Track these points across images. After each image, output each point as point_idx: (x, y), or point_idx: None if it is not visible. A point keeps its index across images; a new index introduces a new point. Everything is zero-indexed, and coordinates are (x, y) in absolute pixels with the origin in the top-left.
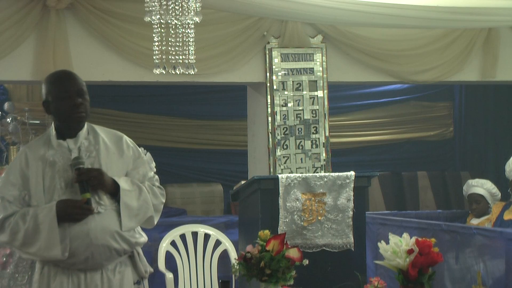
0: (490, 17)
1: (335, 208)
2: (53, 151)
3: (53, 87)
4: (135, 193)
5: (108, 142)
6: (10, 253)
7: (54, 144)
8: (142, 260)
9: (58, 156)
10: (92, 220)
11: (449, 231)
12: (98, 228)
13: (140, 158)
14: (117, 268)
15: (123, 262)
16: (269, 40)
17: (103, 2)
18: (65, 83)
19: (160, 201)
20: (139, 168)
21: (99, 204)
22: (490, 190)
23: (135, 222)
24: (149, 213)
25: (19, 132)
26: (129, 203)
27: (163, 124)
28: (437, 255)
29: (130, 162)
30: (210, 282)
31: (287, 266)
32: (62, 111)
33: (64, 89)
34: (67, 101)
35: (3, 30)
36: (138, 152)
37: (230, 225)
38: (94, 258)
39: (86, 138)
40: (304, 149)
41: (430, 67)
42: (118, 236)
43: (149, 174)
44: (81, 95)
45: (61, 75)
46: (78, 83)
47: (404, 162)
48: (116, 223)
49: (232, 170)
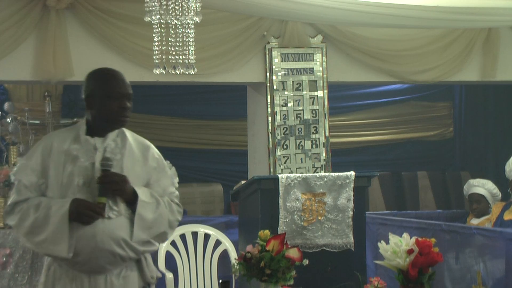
0: (490, 17)
1: (335, 208)
2: (79, 146)
3: (104, 85)
4: (152, 206)
5: (135, 149)
6: (10, 253)
7: (82, 139)
8: (150, 266)
9: (82, 152)
10: (101, 224)
11: (449, 231)
12: (106, 232)
13: (164, 171)
14: (122, 273)
15: (129, 266)
16: (269, 40)
17: (103, 2)
18: (119, 83)
19: (175, 218)
20: (161, 181)
21: (111, 209)
22: (491, 190)
23: (147, 235)
24: (163, 228)
25: (19, 132)
26: (144, 215)
27: (163, 124)
28: (437, 255)
29: (152, 173)
30: (210, 282)
31: (287, 266)
32: (109, 111)
33: (116, 89)
34: (116, 102)
35: (3, 30)
36: (163, 164)
37: (230, 225)
38: (97, 261)
39: (114, 140)
40: (304, 149)
41: (430, 67)
42: (124, 244)
43: (170, 189)
44: (130, 99)
45: (115, 75)
46: (129, 86)
47: (404, 162)
48: (125, 231)
49: (232, 170)
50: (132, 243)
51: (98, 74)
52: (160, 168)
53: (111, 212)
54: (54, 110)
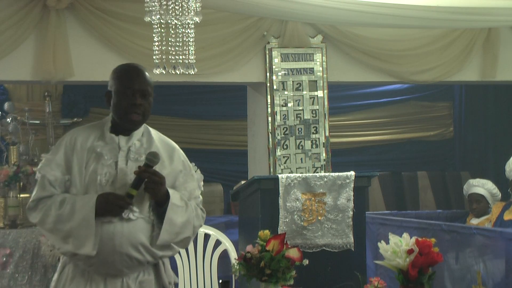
0: (490, 17)
1: (335, 208)
2: (103, 143)
3: (118, 80)
4: (182, 210)
5: (161, 149)
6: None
7: (107, 136)
8: (168, 271)
9: (106, 150)
10: (120, 226)
11: (449, 231)
12: (124, 235)
13: (190, 174)
14: (139, 277)
15: (146, 270)
16: (269, 40)
17: (103, 2)
18: (130, 79)
19: (199, 224)
20: (188, 184)
21: (132, 211)
22: (491, 190)
23: (172, 240)
24: (188, 233)
25: (19, 132)
26: (174, 219)
27: (163, 124)
28: (437, 255)
29: (178, 175)
30: (210, 282)
31: (287, 266)
32: (119, 107)
33: (127, 85)
34: (126, 99)
35: (3, 30)
36: (189, 167)
37: (230, 225)
38: (114, 264)
39: (139, 140)
40: (304, 149)
41: (430, 67)
42: (142, 248)
43: (196, 193)
44: (144, 95)
45: (129, 70)
46: (144, 81)
47: (404, 162)
48: (144, 235)
49: (232, 170)
50: (151, 247)
51: (116, 70)
52: (186, 170)
53: (131, 214)
54: (54, 110)
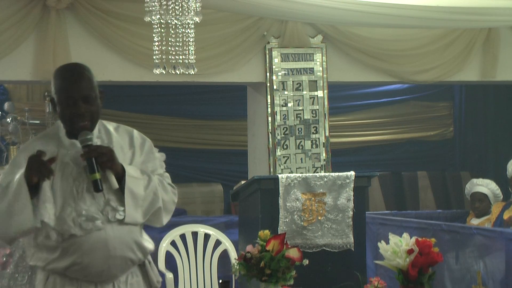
0: (490, 17)
1: (335, 208)
2: (65, 150)
3: (57, 88)
4: (143, 182)
5: (121, 141)
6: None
7: (66, 143)
8: (154, 270)
9: (71, 157)
10: (110, 230)
11: (449, 231)
12: (117, 237)
13: (151, 153)
14: (129, 280)
15: (134, 272)
16: (269, 40)
17: (103, 2)
18: (69, 86)
19: (171, 198)
20: (149, 163)
21: (117, 210)
22: (494, 190)
23: (141, 214)
24: (158, 204)
25: (19, 132)
26: (135, 190)
27: (163, 124)
28: (437, 255)
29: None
30: (210, 282)
31: (287, 266)
32: (64, 117)
33: (67, 94)
34: (69, 108)
35: (3, 30)
36: (149, 147)
37: (230, 225)
38: (110, 270)
39: (98, 137)
40: (304, 149)
41: (430, 67)
42: (135, 245)
43: (159, 171)
44: (87, 100)
45: (67, 74)
46: (85, 86)
47: (404, 162)
48: (134, 230)
49: (232, 170)
50: (141, 241)
51: (55, 74)
52: (147, 150)
53: (117, 213)
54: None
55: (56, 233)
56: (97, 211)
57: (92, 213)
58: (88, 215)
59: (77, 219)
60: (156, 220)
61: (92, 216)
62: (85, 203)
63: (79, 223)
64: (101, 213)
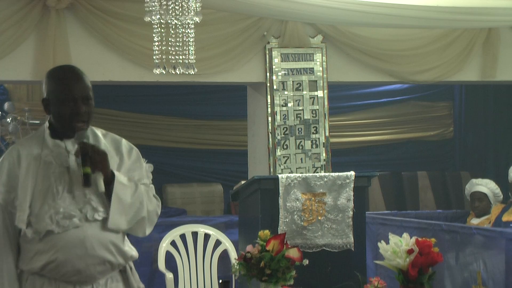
0: (490, 17)
1: (335, 208)
2: (48, 151)
3: (56, 87)
4: (130, 189)
5: (109, 147)
6: None
7: (50, 143)
8: (135, 276)
9: (54, 157)
10: (89, 228)
11: (449, 231)
12: (95, 237)
13: (138, 162)
14: (108, 284)
15: (114, 277)
16: (269, 40)
17: (103, 2)
18: (70, 85)
19: (154, 209)
20: (135, 172)
21: (96, 211)
22: (494, 190)
23: (125, 221)
24: (142, 214)
25: (19, 132)
26: (122, 197)
27: (163, 124)
28: (437, 255)
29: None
30: (210, 282)
31: (287, 266)
32: (62, 116)
33: (67, 92)
34: (69, 107)
35: (3, 30)
36: (137, 156)
37: (230, 225)
38: (87, 270)
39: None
40: (304, 149)
41: (430, 67)
42: (114, 248)
43: (145, 181)
44: (86, 101)
45: (66, 75)
46: (84, 86)
47: (404, 162)
48: (113, 233)
49: (232, 170)
50: (121, 245)
51: (50, 74)
52: (134, 159)
53: (96, 214)
54: None
55: (32, 231)
56: (75, 209)
57: (69, 211)
58: (65, 212)
59: (55, 216)
60: (139, 229)
61: (69, 213)
62: (64, 202)
63: (56, 220)
64: (79, 211)
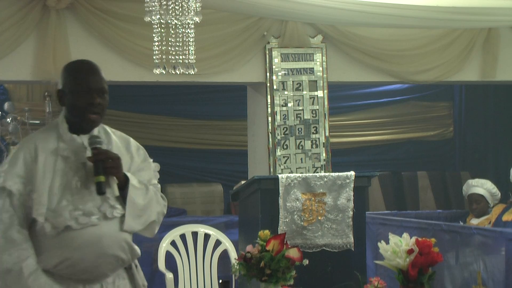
0: (490, 17)
1: (335, 208)
2: (65, 145)
3: (72, 78)
4: (142, 192)
5: (118, 143)
6: None
7: (67, 138)
8: (140, 273)
9: (71, 151)
10: (106, 227)
11: (449, 231)
12: (112, 235)
13: (146, 161)
14: (116, 282)
15: (120, 275)
16: (269, 40)
17: (103, 2)
18: (87, 77)
19: (162, 210)
20: (144, 172)
21: (114, 208)
22: (490, 190)
23: (138, 224)
24: (152, 217)
25: (19, 132)
26: (136, 200)
27: (163, 124)
28: (437, 255)
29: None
30: (210, 282)
31: (287, 266)
32: (77, 107)
33: (84, 83)
34: (84, 98)
35: (3, 30)
36: (145, 155)
37: (230, 225)
38: (99, 268)
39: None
40: (304, 149)
41: (430, 67)
42: (127, 246)
43: (153, 181)
44: (101, 94)
45: (84, 67)
46: (100, 80)
47: (404, 162)
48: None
49: (232, 170)
50: (132, 244)
51: (68, 67)
52: (142, 158)
53: (115, 211)
54: (54, 110)
55: (50, 226)
56: (94, 207)
57: (89, 208)
58: (85, 209)
59: (74, 212)
60: (149, 230)
61: (89, 211)
62: (82, 198)
63: (75, 216)
64: (97, 209)
